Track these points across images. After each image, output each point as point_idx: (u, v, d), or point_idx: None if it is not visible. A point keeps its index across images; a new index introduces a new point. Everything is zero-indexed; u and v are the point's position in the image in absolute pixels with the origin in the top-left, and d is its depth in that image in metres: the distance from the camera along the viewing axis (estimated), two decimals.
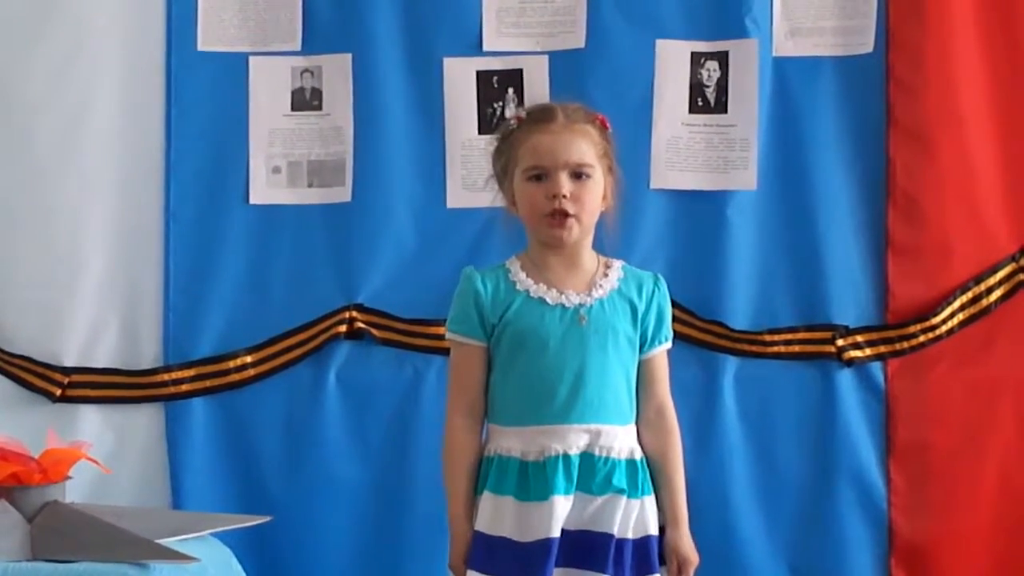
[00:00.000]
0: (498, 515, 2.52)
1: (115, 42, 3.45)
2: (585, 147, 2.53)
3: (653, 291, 2.60)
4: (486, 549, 2.51)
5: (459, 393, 2.60)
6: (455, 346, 2.61)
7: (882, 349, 3.43)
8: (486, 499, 2.54)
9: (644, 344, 2.59)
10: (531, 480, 2.51)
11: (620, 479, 2.51)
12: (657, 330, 2.60)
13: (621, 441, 2.54)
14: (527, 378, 2.54)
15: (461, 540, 2.56)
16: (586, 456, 2.51)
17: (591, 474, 2.51)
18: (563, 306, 2.54)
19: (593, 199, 2.54)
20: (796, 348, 3.44)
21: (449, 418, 2.60)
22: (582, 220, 2.53)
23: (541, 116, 2.57)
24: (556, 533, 2.47)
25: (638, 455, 2.56)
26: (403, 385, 3.45)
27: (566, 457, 2.50)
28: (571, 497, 2.50)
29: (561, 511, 2.48)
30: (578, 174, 2.52)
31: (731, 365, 3.44)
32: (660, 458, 2.60)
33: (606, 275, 2.59)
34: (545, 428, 2.51)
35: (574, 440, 2.51)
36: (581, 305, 2.54)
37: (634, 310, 2.57)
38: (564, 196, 2.50)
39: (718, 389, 3.43)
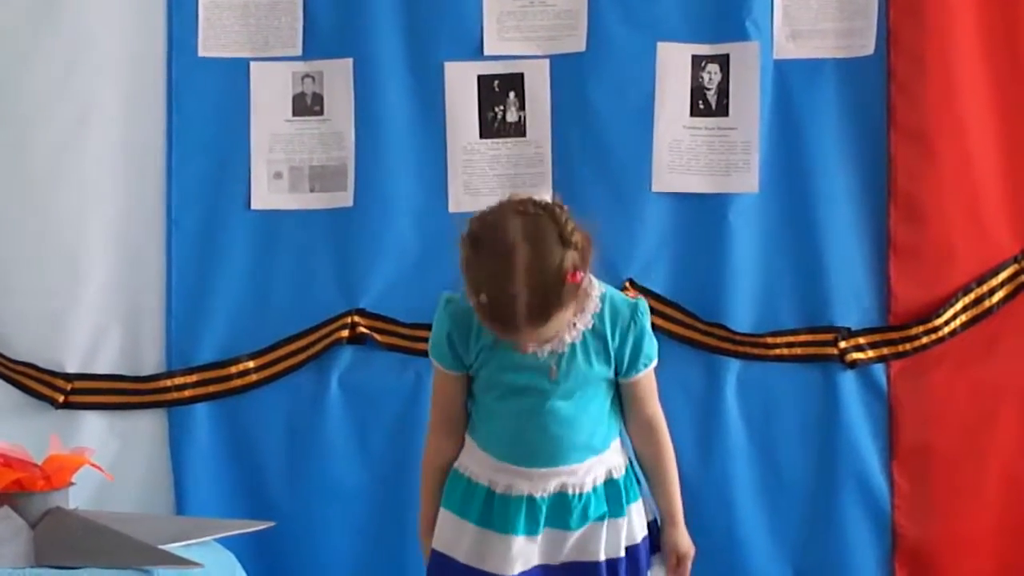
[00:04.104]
0: (456, 536, 2.52)
1: (116, 48, 3.45)
2: (552, 330, 2.40)
3: (629, 325, 2.49)
4: (440, 569, 2.53)
5: (438, 413, 2.60)
6: (435, 369, 2.58)
7: (884, 351, 3.43)
8: (446, 517, 2.54)
9: (620, 374, 2.52)
10: (495, 511, 2.50)
11: (599, 506, 2.50)
12: (633, 362, 2.51)
13: (596, 472, 2.51)
14: (496, 421, 2.51)
15: (426, 557, 2.59)
16: (559, 496, 2.49)
17: (566, 512, 2.49)
18: (535, 355, 2.45)
19: (560, 330, 2.42)
20: (798, 350, 3.44)
21: (429, 436, 2.61)
22: (553, 343, 2.44)
23: (501, 317, 2.36)
24: (512, 572, 2.47)
25: (617, 473, 2.53)
26: (405, 390, 3.45)
27: (531, 499, 2.48)
28: (537, 538, 2.49)
29: (519, 551, 2.47)
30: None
31: (733, 368, 3.44)
32: (651, 463, 2.59)
33: (583, 309, 2.46)
34: (513, 468, 2.49)
35: (542, 484, 2.48)
36: (553, 353, 2.45)
37: (607, 348, 2.49)
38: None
39: (721, 392, 3.43)
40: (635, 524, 2.54)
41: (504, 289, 2.32)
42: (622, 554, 2.51)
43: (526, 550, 2.48)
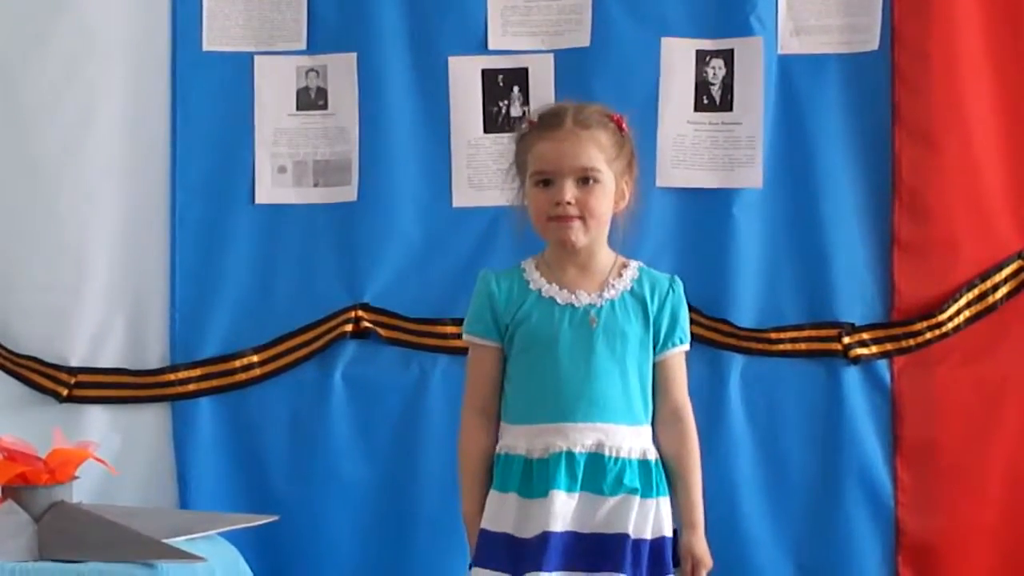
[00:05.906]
0: (501, 512, 2.53)
1: (120, 43, 3.45)
2: (592, 152, 2.53)
3: (668, 293, 2.60)
4: (487, 545, 2.53)
5: (472, 393, 2.62)
6: (471, 347, 2.63)
7: (888, 347, 3.43)
8: (491, 497, 2.55)
9: (657, 345, 2.59)
10: (534, 477, 2.52)
11: (632, 479, 2.51)
12: (671, 332, 2.60)
13: (631, 441, 2.54)
14: (535, 376, 2.55)
15: (473, 538, 2.57)
16: (595, 456, 2.51)
17: (601, 474, 2.51)
18: (573, 306, 2.56)
19: (600, 203, 2.54)
20: (802, 346, 3.44)
21: (462, 417, 2.62)
22: (588, 223, 2.54)
23: (549, 121, 2.57)
24: (555, 528, 2.47)
25: (652, 456, 2.56)
26: (409, 384, 3.45)
27: (570, 454, 2.50)
28: (575, 495, 2.50)
29: (561, 507, 2.48)
30: (584, 179, 2.53)
31: (737, 363, 3.44)
32: (675, 460, 2.60)
33: (620, 275, 2.59)
34: (550, 426, 2.52)
35: (579, 438, 2.51)
36: (591, 306, 2.55)
37: (646, 312, 2.58)
38: (569, 202, 2.51)
39: (724, 387, 3.43)
40: (663, 517, 2.55)
41: (553, 104, 2.66)
42: (648, 536, 2.51)
43: (566, 508, 2.49)
